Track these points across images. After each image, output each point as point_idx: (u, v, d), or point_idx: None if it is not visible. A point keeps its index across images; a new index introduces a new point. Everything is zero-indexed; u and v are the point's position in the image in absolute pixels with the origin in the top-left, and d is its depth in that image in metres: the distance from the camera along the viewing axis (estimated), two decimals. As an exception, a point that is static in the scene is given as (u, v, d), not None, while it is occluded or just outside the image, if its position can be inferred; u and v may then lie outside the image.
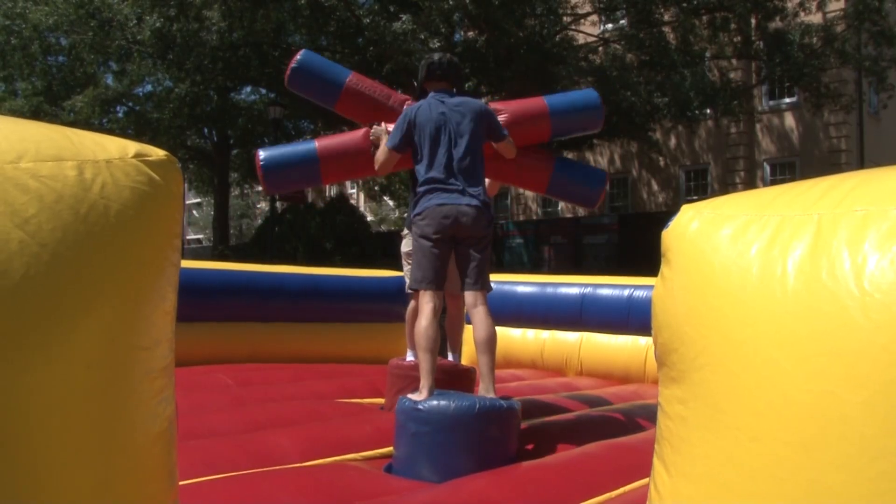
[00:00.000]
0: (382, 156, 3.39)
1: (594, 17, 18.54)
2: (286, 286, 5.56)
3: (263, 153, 3.65)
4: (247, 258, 13.91)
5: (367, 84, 3.78)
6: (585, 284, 5.65)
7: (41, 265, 0.88)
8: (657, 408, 1.22)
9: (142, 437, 1.00)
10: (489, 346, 3.16)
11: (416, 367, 3.30)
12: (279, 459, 2.78)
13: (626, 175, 23.58)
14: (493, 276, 6.18)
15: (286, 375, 4.71)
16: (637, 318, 5.20)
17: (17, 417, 0.85)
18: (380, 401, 4.05)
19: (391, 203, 30.92)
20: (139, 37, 15.88)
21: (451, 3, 13.67)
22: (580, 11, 17.44)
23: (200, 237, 44.49)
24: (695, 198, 20.88)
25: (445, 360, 3.81)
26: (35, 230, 0.89)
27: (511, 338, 5.77)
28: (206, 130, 23.82)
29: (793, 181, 1.38)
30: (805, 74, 15.94)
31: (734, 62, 18.49)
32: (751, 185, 20.45)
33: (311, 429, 3.16)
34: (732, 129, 21.05)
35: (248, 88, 23.12)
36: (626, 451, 2.89)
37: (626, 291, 5.37)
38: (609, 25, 19.45)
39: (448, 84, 3.45)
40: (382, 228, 32.05)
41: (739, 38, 16.96)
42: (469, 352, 4.91)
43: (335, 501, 2.34)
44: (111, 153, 1.03)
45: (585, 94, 3.93)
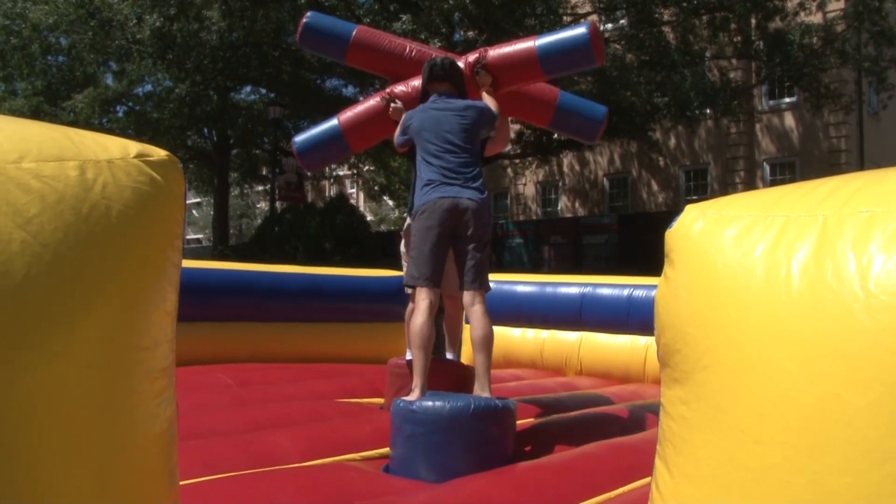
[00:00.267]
0: (396, 142, 3.65)
1: (594, 17, 18.54)
2: (286, 286, 5.56)
3: (296, 139, 4.00)
4: (247, 258, 13.89)
5: (376, 36, 4.03)
6: (585, 284, 5.64)
7: (43, 265, 0.88)
8: (658, 407, 1.22)
9: (142, 438, 1.00)
10: (485, 346, 3.18)
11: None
12: (279, 459, 2.77)
13: (626, 175, 23.57)
14: (493, 276, 6.18)
15: (286, 375, 4.71)
16: (637, 318, 5.20)
17: (18, 417, 0.84)
18: (380, 401, 4.05)
19: (391, 203, 30.95)
20: (139, 36, 15.87)
21: (451, 3, 13.67)
22: (580, 11, 17.44)
23: (200, 237, 44.48)
24: (695, 198, 20.89)
25: (444, 359, 3.81)
26: (37, 230, 0.89)
27: (511, 337, 5.77)
28: (206, 130, 23.81)
29: (793, 181, 1.38)
30: (805, 74, 15.94)
31: (734, 62, 18.49)
32: (751, 186, 20.44)
33: (311, 429, 3.16)
34: (732, 129, 21.04)
35: (248, 88, 23.14)
36: (626, 451, 2.88)
37: (626, 291, 5.37)
38: (609, 25, 19.45)
39: (450, 85, 3.51)
40: (382, 228, 32.06)
41: (739, 38, 16.97)
42: (468, 351, 4.91)
43: (334, 501, 2.34)
44: (113, 153, 1.03)
45: (574, 36, 3.96)
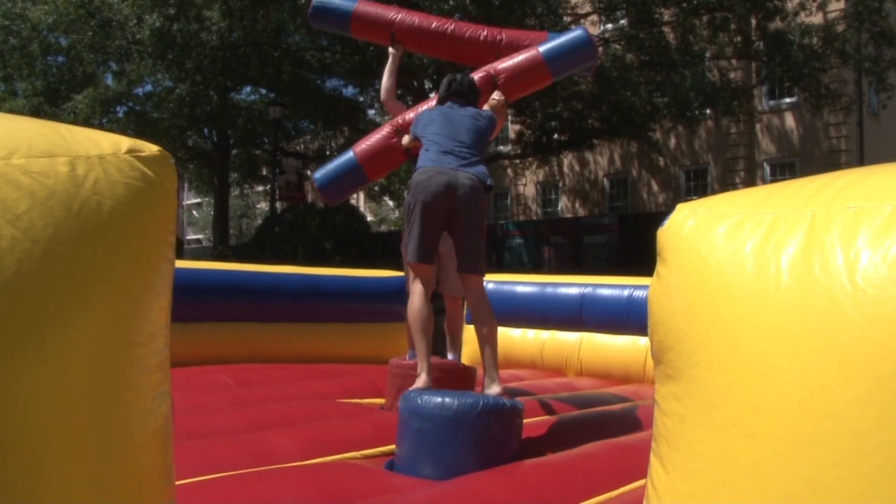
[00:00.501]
0: (407, 141, 3.97)
1: (594, 17, 18.56)
2: (286, 286, 5.56)
3: (316, 176, 4.20)
4: (247, 258, 13.91)
5: (375, 9, 4.34)
6: (585, 284, 5.65)
7: (33, 262, 0.87)
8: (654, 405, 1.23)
9: (138, 434, 0.99)
10: (490, 335, 3.31)
11: (417, 367, 3.32)
12: (279, 459, 2.77)
13: (626, 175, 23.58)
14: (494, 277, 6.21)
15: (286, 375, 4.71)
16: (637, 319, 5.20)
17: (12, 415, 0.84)
18: (380, 401, 4.05)
19: (391, 203, 30.94)
20: (139, 36, 15.87)
21: (452, 4, 13.67)
22: (580, 11, 17.45)
23: (200, 237, 44.49)
24: (694, 198, 20.87)
25: (446, 360, 3.82)
26: (27, 227, 0.88)
27: (511, 338, 5.77)
28: (206, 130, 23.84)
29: (791, 181, 1.39)
30: (805, 75, 15.94)
31: (734, 62, 18.49)
32: (751, 185, 20.33)
33: (312, 429, 3.16)
34: (732, 130, 21.05)
35: (248, 88, 23.15)
36: (626, 451, 2.89)
37: (626, 291, 5.38)
38: (609, 25, 19.46)
39: (464, 100, 3.65)
40: (382, 228, 32.08)
41: (739, 38, 16.96)
42: (469, 352, 4.92)
43: (335, 500, 2.34)
44: (104, 149, 1.02)
45: (574, 36, 4.20)
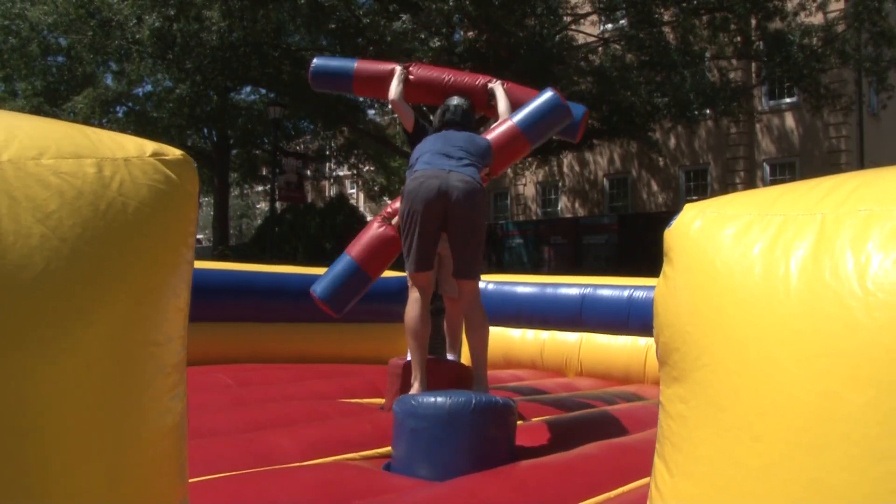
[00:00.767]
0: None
1: (594, 17, 18.54)
2: (286, 286, 5.55)
3: (317, 289, 4.14)
4: (247, 258, 13.91)
5: (371, 68, 4.46)
6: (585, 285, 5.64)
7: (61, 259, 0.90)
8: (658, 407, 1.22)
9: (154, 432, 1.01)
10: (481, 340, 3.38)
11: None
12: (279, 459, 2.77)
13: (626, 175, 23.58)
14: (494, 276, 6.20)
15: (286, 375, 4.70)
16: (637, 319, 5.19)
17: (32, 410, 0.86)
18: (380, 401, 4.05)
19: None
20: (139, 36, 15.85)
21: (452, 4, 13.66)
22: (580, 11, 17.44)
23: (200, 237, 44.50)
24: (694, 198, 20.88)
25: (445, 360, 3.81)
26: (56, 225, 0.91)
27: (511, 338, 5.77)
28: (206, 130, 23.84)
29: (792, 181, 1.38)
30: (805, 75, 15.93)
31: (734, 62, 18.49)
32: (751, 186, 20.43)
33: (311, 429, 3.15)
34: (732, 130, 21.05)
35: (248, 88, 23.14)
36: (626, 451, 2.88)
37: (626, 292, 5.37)
38: (609, 25, 19.45)
39: (460, 128, 3.65)
40: (382, 228, 32.00)
41: (739, 39, 16.96)
42: (469, 352, 4.91)
43: (335, 500, 2.33)
44: (129, 151, 1.05)
45: (544, 99, 3.96)
